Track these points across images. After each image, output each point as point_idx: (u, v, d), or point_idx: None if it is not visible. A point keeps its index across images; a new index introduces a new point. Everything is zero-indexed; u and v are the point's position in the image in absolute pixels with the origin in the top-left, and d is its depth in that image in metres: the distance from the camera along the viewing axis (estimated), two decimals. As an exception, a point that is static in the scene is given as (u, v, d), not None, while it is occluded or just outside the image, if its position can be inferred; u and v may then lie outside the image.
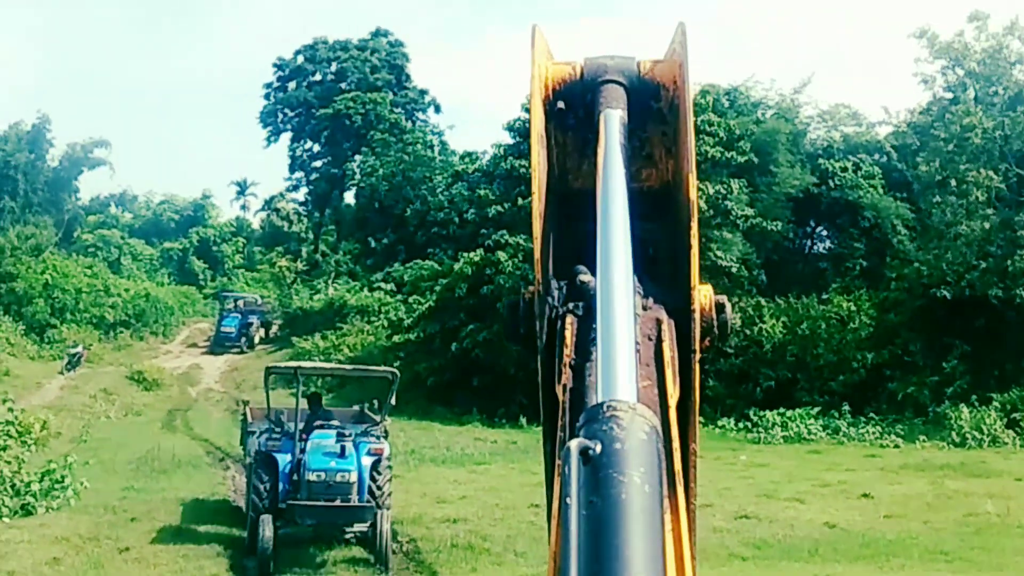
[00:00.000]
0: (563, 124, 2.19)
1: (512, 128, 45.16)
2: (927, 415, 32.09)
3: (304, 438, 16.23)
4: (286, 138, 76.50)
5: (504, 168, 45.62)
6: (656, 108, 2.17)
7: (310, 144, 75.80)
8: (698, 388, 1.97)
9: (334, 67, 75.95)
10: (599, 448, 1.33)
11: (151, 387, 41.94)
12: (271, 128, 76.46)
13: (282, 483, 15.76)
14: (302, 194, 77.69)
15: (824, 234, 47.42)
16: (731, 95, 44.52)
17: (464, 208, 50.92)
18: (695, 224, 1.93)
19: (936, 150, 36.29)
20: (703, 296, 1.96)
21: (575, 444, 1.33)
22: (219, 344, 54.03)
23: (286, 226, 75.03)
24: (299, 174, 76.82)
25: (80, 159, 70.93)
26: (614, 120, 2.01)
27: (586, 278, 1.96)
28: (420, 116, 76.97)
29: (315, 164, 76.05)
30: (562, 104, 2.15)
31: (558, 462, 1.56)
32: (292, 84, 76.65)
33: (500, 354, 33.26)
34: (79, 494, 19.39)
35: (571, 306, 1.94)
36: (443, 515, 18.46)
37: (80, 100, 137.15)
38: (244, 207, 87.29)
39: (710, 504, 18.97)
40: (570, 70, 2.16)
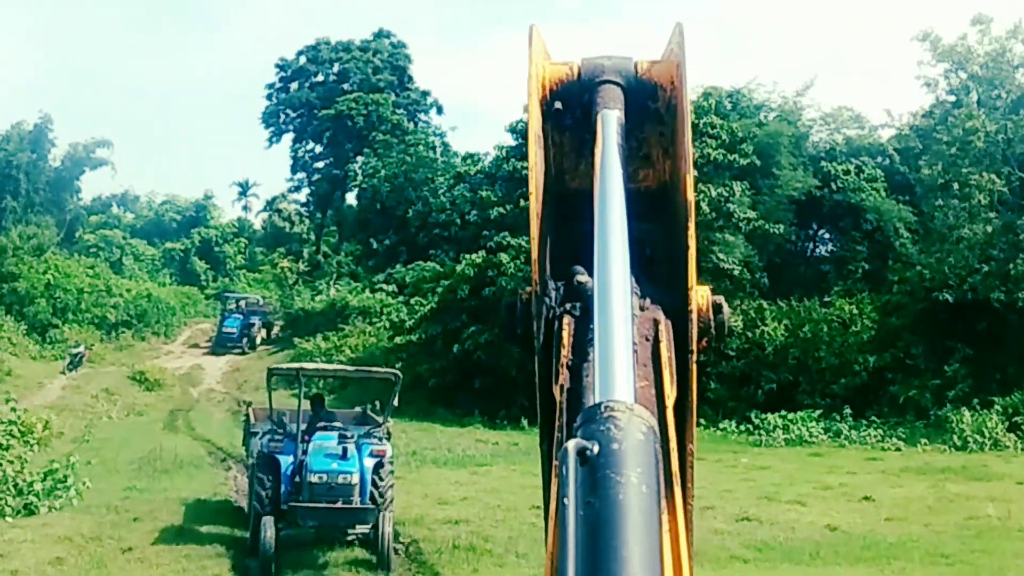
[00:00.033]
0: (560, 124, 2.17)
1: (514, 130, 45.13)
2: (928, 418, 32.00)
3: (306, 439, 16.17)
4: (288, 139, 76.54)
5: (506, 170, 45.60)
6: (653, 108, 2.15)
7: (312, 145, 75.71)
8: (695, 388, 1.96)
9: (336, 68, 75.81)
10: (597, 449, 1.33)
11: (153, 387, 41.90)
12: (273, 129, 76.39)
13: (284, 485, 15.70)
14: (304, 195, 77.75)
15: (826, 237, 47.40)
16: (734, 97, 44.48)
17: (466, 210, 50.88)
18: (692, 224, 1.91)
19: (939, 153, 36.23)
20: (700, 297, 1.95)
21: (573, 445, 1.33)
22: (221, 345, 53.99)
23: (288, 227, 75.02)
24: (301, 175, 76.81)
25: (82, 159, 71.02)
26: (611, 120, 2.00)
27: (583, 279, 1.95)
28: (422, 117, 76.89)
29: (317, 165, 75.99)
30: (559, 104, 2.13)
31: (555, 463, 1.56)
32: (294, 85, 76.52)
33: (502, 356, 33.19)
34: (81, 494, 19.40)
35: (568, 307, 1.93)
36: (445, 516, 18.44)
37: (82, 100, 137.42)
38: (246, 208, 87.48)
39: (711, 506, 18.97)
40: (567, 70, 2.14)
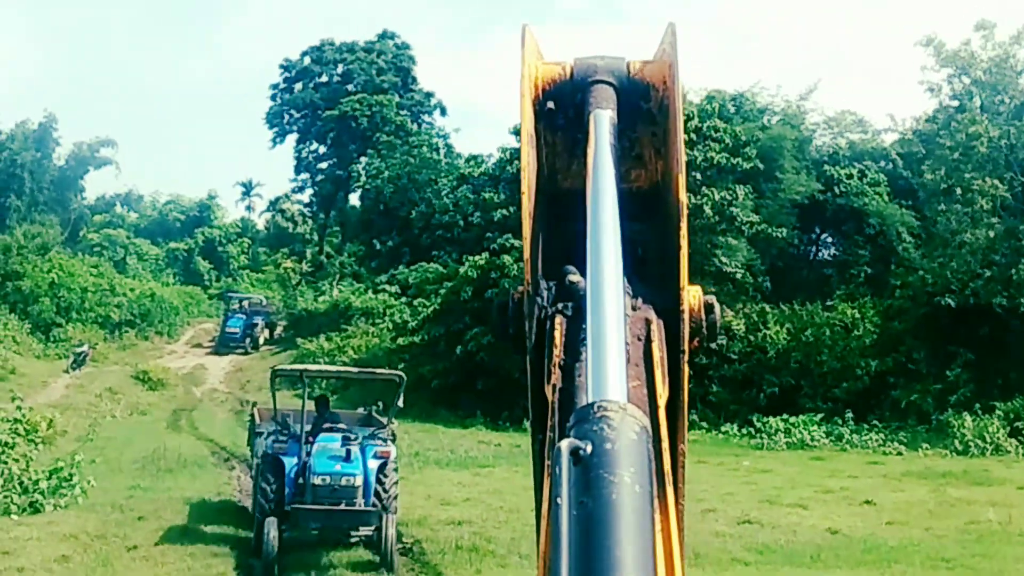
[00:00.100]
0: (553, 124, 2.17)
1: (517, 132, 44.98)
2: (930, 423, 31.99)
3: (310, 441, 16.08)
4: (292, 139, 76.52)
5: (510, 172, 45.64)
6: (646, 109, 2.15)
7: (316, 145, 75.71)
8: (687, 388, 1.96)
9: (340, 69, 75.79)
10: (590, 448, 1.34)
11: (156, 387, 41.93)
12: (277, 129, 76.36)
13: (288, 486, 15.64)
14: (307, 195, 77.68)
15: (829, 241, 47.39)
16: (737, 101, 44.47)
17: (469, 211, 50.91)
18: (684, 225, 1.92)
19: (941, 158, 36.23)
20: (692, 296, 1.95)
21: (566, 444, 1.34)
22: (224, 344, 54.00)
23: (291, 227, 75.00)
24: (304, 175, 76.76)
25: (86, 158, 71.15)
26: (604, 120, 2.01)
27: (575, 278, 1.96)
28: (426, 119, 76.81)
29: (320, 165, 75.97)
30: (551, 104, 2.14)
31: (548, 462, 1.57)
32: (298, 85, 76.48)
33: (504, 357, 33.18)
34: (86, 492, 19.40)
35: (560, 306, 1.93)
36: (447, 517, 18.43)
37: (87, 99, 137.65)
38: (249, 208, 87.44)
39: (713, 509, 18.97)
40: (560, 70, 2.15)
